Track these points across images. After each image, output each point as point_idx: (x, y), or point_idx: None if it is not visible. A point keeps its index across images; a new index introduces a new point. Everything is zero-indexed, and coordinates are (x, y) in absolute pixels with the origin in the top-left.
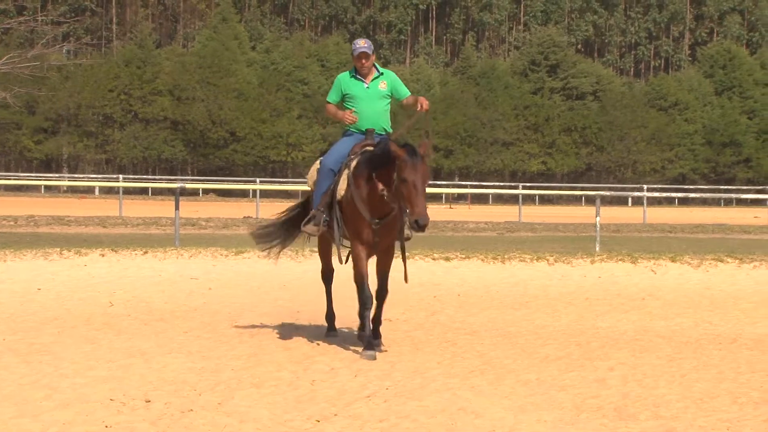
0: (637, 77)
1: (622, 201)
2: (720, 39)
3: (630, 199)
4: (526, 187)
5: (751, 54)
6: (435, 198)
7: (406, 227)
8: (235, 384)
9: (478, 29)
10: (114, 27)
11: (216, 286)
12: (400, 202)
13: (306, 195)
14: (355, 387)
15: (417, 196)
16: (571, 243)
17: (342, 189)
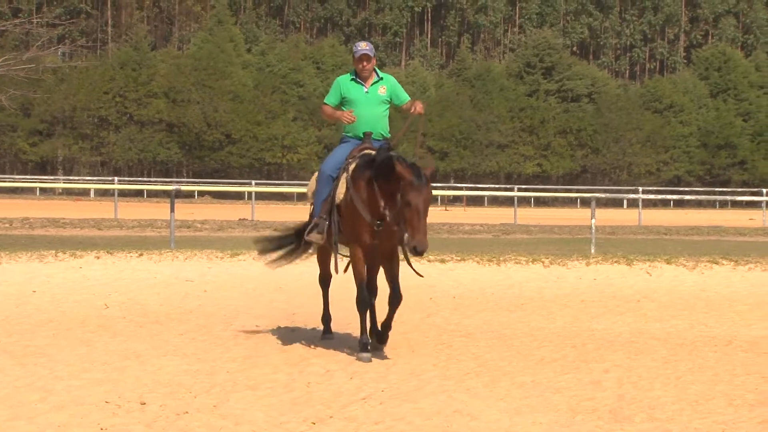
0: (632, 79)
1: (617, 203)
2: (715, 41)
3: (625, 201)
4: (521, 189)
5: (746, 56)
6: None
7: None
8: (231, 386)
9: (473, 31)
10: (109, 29)
11: (211, 288)
12: (400, 224)
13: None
14: (351, 389)
15: (419, 221)
16: (567, 245)
17: (341, 192)
